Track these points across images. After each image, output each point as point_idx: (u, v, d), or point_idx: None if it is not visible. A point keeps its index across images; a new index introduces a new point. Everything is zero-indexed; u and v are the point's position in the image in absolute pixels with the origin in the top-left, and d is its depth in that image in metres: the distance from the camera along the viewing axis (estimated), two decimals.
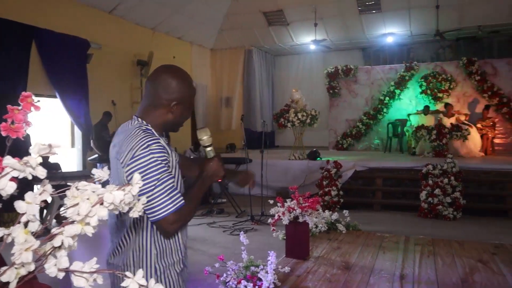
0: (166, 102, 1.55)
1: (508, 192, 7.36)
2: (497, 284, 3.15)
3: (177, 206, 1.42)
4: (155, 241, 1.50)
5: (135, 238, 1.49)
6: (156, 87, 1.57)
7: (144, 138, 1.45)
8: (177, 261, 1.56)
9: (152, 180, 1.39)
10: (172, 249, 1.54)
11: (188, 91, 1.60)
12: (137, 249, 1.49)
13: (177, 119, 1.60)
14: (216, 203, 7.92)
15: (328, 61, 13.75)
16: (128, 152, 1.43)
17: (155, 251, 1.49)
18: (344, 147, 12.08)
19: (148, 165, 1.40)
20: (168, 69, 1.61)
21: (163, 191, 1.40)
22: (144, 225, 1.48)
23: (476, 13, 10.51)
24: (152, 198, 1.39)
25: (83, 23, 8.44)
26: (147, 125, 1.54)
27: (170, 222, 1.42)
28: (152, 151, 1.42)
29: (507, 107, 10.68)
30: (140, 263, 1.49)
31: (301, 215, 3.58)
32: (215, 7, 11.46)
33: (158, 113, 1.57)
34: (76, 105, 7.97)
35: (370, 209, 7.79)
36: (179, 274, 1.57)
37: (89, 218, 0.51)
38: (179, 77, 1.58)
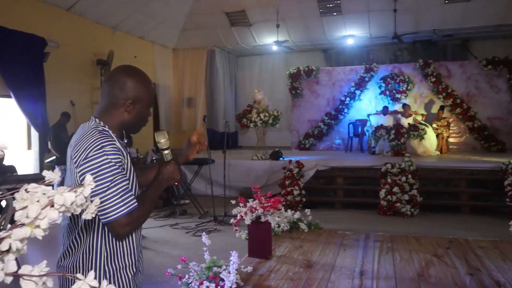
0: (122, 101, 1.54)
1: (462, 189, 7.69)
2: (450, 276, 3.29)
3: (130, 209, 1.40)
4: (105, 243, 1.46)
5: (85, 239, 1.45)
6: (112, 86, 1.55)
7: (99, 139, 1.43)
8: (129, 265, 1.52)
9: (105, 181, 1.37)
10: (124, 252, 1.51)
11: (144, 91, 1.58)
12: (87, 250, 1.45)
13: (134, 119, 1.58)
14: (179, 204, 7.84)
15: (290, 62, 13.90)
16: (82, 152, 1.41)
17: (105, 253, 1.46)
18: (306, 147, 12.24)
19: (101, 166, 1.38)
20: (124, 69, 1.61)
21: (115, 193, 1.38)
22: (95, 227, 1.45)
23: (431, 17, 10.93)
24: (104, 200, 1.37)
25: (40, 21, 8.15)
26: (104, 126, 1.52)
27: (122, 225, 1.40)
28: (106, 152, 1.40)
29: (461, 107, 11.15)
30: (90, 265, 1.46)
31: (263, 214, 3.61)
32: (177, 6, 11.34)
33: (114, 113, 1.55)
34: (33, 106, 7.68)
35: (332, 207, 7.94)
36: (131, 279, 1.53)
37: (39, 220, 0.50)
38: (135, 76, 1.57)
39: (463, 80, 11.33)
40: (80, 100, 9.20)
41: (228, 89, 14.13)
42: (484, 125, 11.00)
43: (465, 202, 7.52)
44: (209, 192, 7.27)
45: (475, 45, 12.71)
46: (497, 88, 11.08)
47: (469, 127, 11.14)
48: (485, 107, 11.12)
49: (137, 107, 1.57)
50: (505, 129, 10.96)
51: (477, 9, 10.46)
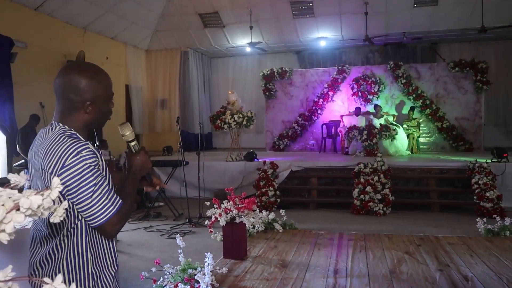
0: (80, 105, 1.48)
1: (431, 187, 7.88)
2: (421, 272, 3.37)
3: (117, 207, 1.41)
4: (90, 246, 1.45)
5: (69, 245, 1.42)
6: (65, 89, 1.47)
7: (72, 144, 1.38)
8: (110, 264, 1.52)
9: (89, 186, 1.36)
10: (105, 252, 1.51)
11: (100, 87, 1.51)
12: (71, 256, 1.42)
13: (96, 117, 1.53)
14: (153, 207, 7.75)
15: (263, 63, 13.97)
16: (57, 161, 1.36)
17: (90, 256, 1.44)
18: (280, 148, 12.30)
19: (82, 172, 1.35)
20: (74, 69, 1.53)
21: (101, 195, 1.38)
22: (79, 231, 1.42)
23: (401, 20, 11.19)
24: (91, 205, 1.36)
25: (6, 20, 7.92)
26: (70, 129, 1.47)
27: (114, 224, 1.41)
28: (83, 157, 1.37)
29: (430, 108, 11.43)
30: (76, 269, 1.43)
31: (238, 216, 3.61)
32: (150, 7, 11.23)
33: (74, 116, 1.49)
34: (0, 108, 7.46)
35: (306, 207, 8.00)
36: (113, 276, 1.54)
37: (4, 225, 0.49)
38: (87, 74, 1.49)
39: (432, 82, 11.63)
40: (50, 102, 8.96)
41: (202, 91, 14.07)
42: (453, 125, 11.32)
43: (434, 200, 7.71)
44: (183, 194, 7.21)
45: (443, 47, 13.09)
46: (464, 89, 11.41)
47: (438, 127, 11.43)
48: (453, 108, 11.44)
49: (97, 106, 1.51)
50: (472, 129, 11.31)
51: (444, 13, 10.78)
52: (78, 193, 1.34)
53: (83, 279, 1.43)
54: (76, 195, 1.35)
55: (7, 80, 7.65)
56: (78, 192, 1.34)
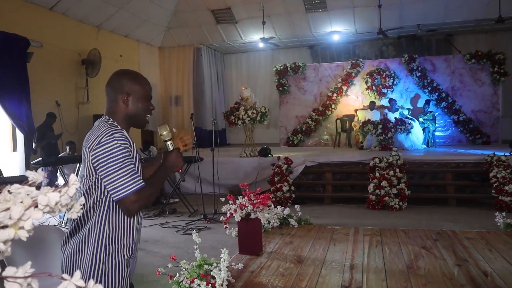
0: (119, 96, 1.76)
1: (448, 181, 7.78)
2: (439, 267, 3.33)
3: (138, 187, 1.59)
4: (110, 221, 1.63)
5: (92, 216, 1.62)
6: (110, 88, 1.79)
7: (109, 128, 1.64)
8: (126, 246, 1.68)
9: (116, 162, 1.57)
10: (124, 233, 1.68)
11: (135, 83, 1.79)
12: (92, 226, 1.62)
13: (134, 110, 1.78)
14: (168, 203, 7.80)
15: (276, 58, 13.92)
16: (95, 139, 1.61)
17: (107, 230, 1.63)
18: (294, 143, 12.26)
19: (112, 149, 1.58)
20: (117, 72, 1.85)
21: (125, 172, 1.58)
22: (102, 206, 1.63)
23: (415, 12, 11.02)
24: (116, 179, 1.56)
25: (22, 20, 8.03)
26: (113, 121, 1.74)
27: (132, 201, 1.58)
28: (116, 138, 1.61)
29: (446, 101, 11.27)
30: (93, 240, 1.62)
31: (253, 211, 3.61)
32: (162, 4, 11.27)
33: (116, 108, 1.77)
34: (17, 107, 7.57)
35: (321, 203, 7.97)
36: (126, 260, 1.68)
37: (22, 222, 0.50)
38: (126, 75, 1.82)
39: (447, 74, 11.46)
40: (65, 100, 9.10)
41: (215, 87, 14.09)
42: (469, 118, 11.14)
43: (451, 194, 7.61)
44: (198, 191, 7.25)
45: (459, 39, 12.87)
46: (480, 81, 11.22)
47: (454, 120, 11.27)
48: (469, 101, 11.26)
49: (133, 99, 1.77)
50: (489, 122, 11.12)
51: (459, 4, 10.58)
52: (107, 166, 1.57)
53: (97, 249, 1.62)
54: (105, 168, 1.57)
55: (24, 79, 7.76)
56: (106, 165, 1.57)
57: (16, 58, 7.63)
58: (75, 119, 9.37)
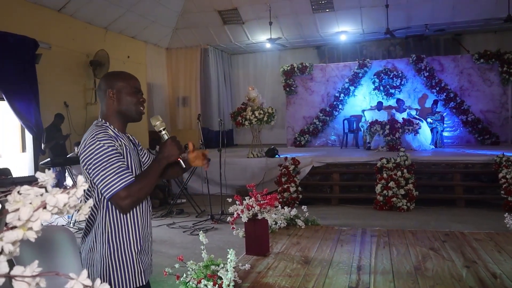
0: (104, 93, 1.82)
1: (456, 182, 7.72)
2: (447, 269, 3.30)
3: (127, 182, 1.60)
4: (110, 220, 1.68)
5: (98, 215, 1.68)
6: (98, 90, 1.89)
7: (94, 130, 1.69)
8: (133, 242, 1.71)
9: (101, 162, 1.61)
10: (128, 229, 1.71)
11: (118, 79, 1.83)
12: (97, 226, 1.68)
13: (123, 104, 1.81)
14: (176, 204, 7.83)
15: (283, 59, 13.91)
16: (82, 143, 1.69)
17: (109, 229, 1.67)
18: (301, 144, 12.24)
19: (95, 150, 1.62)
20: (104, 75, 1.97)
21: (112, 171, 1.60)
22: (102, 205, 1.68)
23: (423, 12, 10.96)
24: (103, 178, 1.59)
25: (31, 22, 8.10)
26: (104, 122, 1.79)
27: (122, 198, 1.59)
28: (98, 139, 1.65)
29: (454, 101, 11.19)
30: (99, 238, 1.67)
31: (260, 212, 3.61)
32: (169, 5, 11.31)
33: (105, 106, 1.82)
34: (26, 108, 7.63)
35: (328, 203, 7.95)
36: (134, 256, 1.72)
37: (31, 223, 0.50)
38: (109, 74, 1.93)
39: (456, 74, 11.38)
40: (73, 101, 9.16)
41: (223, 88, 14.11)
42: (478, 118, 11.06)
43: (460, 195, 7.56)
44: (205, 191, 7.27)
45: (467, 39, 12.77)
46: (489, 81, 11.13)
47: (463, 120, 11.19)
48: (478, 101, 11.17)
49: (119, 94, 1.80)
50: (498, 122, 11.02)
51: (468, 3, 10.50)
52: (93, 167, 1.61)
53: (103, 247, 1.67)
54: (92, 169, 1.62)
55: (33, 80, 7.83)
56: (93, 167, 1.61)
57: (25, 59, 7.69)
58: (83, 120, 9.42)
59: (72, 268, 2.23)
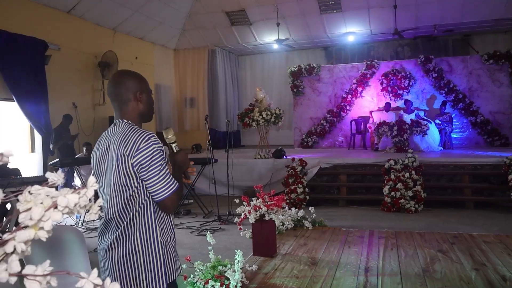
0: (133, 95, 1.83)
1: (465, 184, 7.66)
2: (455, 271, 3.28)
3: (177, 187, 1.74)
4: (158, 219, 1.76)
5: (140, 220, 1.72)
6: (119, 89, 1.84)
7: (143, 133, 1.73)
8: (171, 236, 1.84)
9: (157, 166, 1.68)
10: (168, 226, 1.82)
11: (142, 81, 1.90)
12: (143, 229, 1.72)
13: (146, 106, 1.87)
14: (183, 204, 7.85)
15: (291, 60, 13.90)
16: (132, 145, 1.69)
17: (158, 228, 1.75)
18: (309, 145, 12.22)
19: (152, 154, 1.68)
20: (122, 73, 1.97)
21: (164, 175, 1.71)
22: (148, 207, 1.73)
23: (432, 13, 10.89)
24: (158, 182, 1.69)
25: (40, 24, 8.18)
26: (133, 124, 1.80)
27: (174, 200, 1.74)
28: (153, 142, 1.70)
29: (463, 102, 11.11)
30: (149, 239, 1.72)
31: (267, 213, 3.61)
32: (177, 6, 11.35)
33: (130, 108, 1.83)
34: (35, 108, 7.71)
35: (336, 205, 7.93)
36: (174, 247, 1.85)
37: (42, 222, 0.51)
38: (131, 74, 1.91)
39: (464, 75, 11.29)
40: (82, 102, 9.23)
41: (230, 89, 14.13)
42: (487, 119, 10.96)
43: (469, 197, 7.50)
44: (212, 192, 7.28)
45: (476, 39, 12.67)
46: (499, 82, 11.03)
47: (471, 122, 11.10)
48: (487, 102, 11.08)
49: (144, 95, 1.86)
50: (507, 124, 10.92)
51: (477, 3, 10.42)
52: (148, 170, 1.67)
53: (154, 246, 1.73)
54: (147, 173, 1.68)
55: (42, 81, 7.90)
56: (148, 170, 1.67)
57: (35, 60, 7.77)
58: (91, 121, 9.49)
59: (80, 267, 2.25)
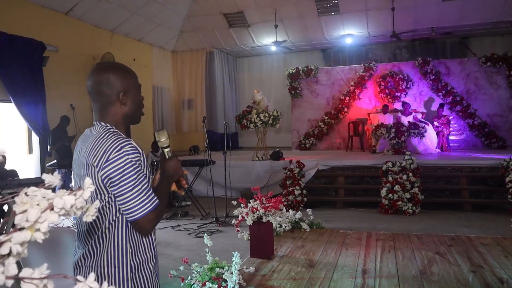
0: (115, 97, 1.57)
1: (463, 186, 7.68)
2: (453, 273, 3.29)
3: (155, 205, 1.48)
4: (130, 239, 1.52)
5: (110, 238, 1.50)
6: (98, 86, 1.57)
7: (117, 140, 1.47)
8: (150, 257, 1.59)
9: (130, 181, 1.43)
10: (145, 246, 1.57)
11: (128, 77, 1.61)
12: (112, 248, 1.49)
13: (131, 108, 1.61)
14: (181, 206, 7.84)
15: (289, 62, 13.92)
16: (102, 155, 1.44)
17: (130, 249, 1.51)
18: (306, 147, 12.23)
19: (123, 166, 1.43)
20: (101, 66, 1.66)
21: (140, 191, 1.45)
22: (119, 225, 1.50)
23: (429, 15, 10.93)
24: (131, 199, 1.43)
25: (38, 25, 8.16)
26: (111, 127, 1.56)
27: (150, 220, 1.47)
28: (126, 152, 1.45)
29: (460, 105, 11.14)
30: (116, 261, 1.50)
31: (265, 215, 3.61)
32: (175, 8, 11.36)
33: (112, 111, 1.58)
34: (33, 110, 7.69)
35: (333, 207, 7.93)
36: (152, 270, 1.60)
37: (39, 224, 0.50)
38: (114, 69, 1.61)
39: (462, 78, 11.33)
40: (80, 103, 9.21)
41: (228, 90, 14.14)
42: (485, 122, 10.99)
43: (466, 199, 7.51)
44: (210, 194, 7.27)
45: (474, 42, 12.72)
46: (496, 85, 11.07)
47: (469, 124, 11.13)
48: (485, 104, 11.11)
49: (130, 96, 1.60)
50: (505, 126, 10.95)
51: (474, 6, 10.46)
52: (119, 186, 1.42)
53: (122, 271, 1.50)
54: (117, 188, 1.43)
55: (40, 83, 7.89)
56: (119, 185, 1.42)
57: (33, 62, 7.76)
58: (89, 122, 9.46)
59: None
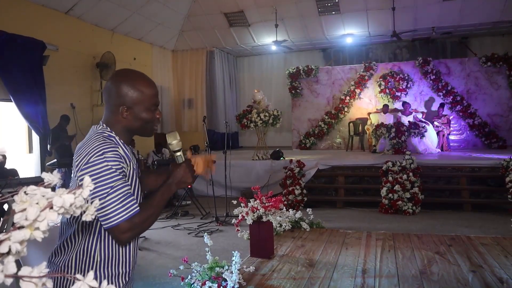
0: (115, 108, 1.51)
1: (463, 186, 7.68)
2: (453, 273, 3.28)
3: (130, 214, 1.38)
4: (101, 248, 1.43)
5: (80, 241, 1.43)
6: (107, 93, 1.54)
7: (101, 145, 1.41)
8: (122, 273, 1.49)
9: (105, 187, 1.35)
10: (119, 260, 1.47)
11: (139, 94, 1.50)
12: (80, 252, 1.42)
13: (134, 124, 1.53)
14: (181, 206, 7.84)
15: (289, 61, 13.92)
16: (84, 157, 1.39)
17: (99, 258, 1.43)
18: (307, 147, 12.23)
19: (101, 172, 1.36)
20: (116, 74, 1.58)
21: (115, 198, 1.36)
22: (93, 230, 1.42)
23: (430, 15, 10.93)
24: (104, 206, 1.35)
25: (38, 24, 8.16)
26: (110, 131, 1.50)
27: (123, 231, 1.37)
28: (107, 158, 1.38)
29: (461, 104, 11.14)
30: (82, 267, 1.42)
31: (265, 214, 3.61)
32: (176, 8, 11.35)
33: (114, 120, 1.52)
34: (33, 109, 7.69)
35: (333, 206, 7.93)
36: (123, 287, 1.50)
37: (38, 222, 0.51)
38: (126, 80, 1.51)
39: (462, 77, 11.33)
40: (80, 103, 9.21)
41: (228, 90, 14.14)
42: (485, 122, 10.99)
43: (466, 199, 7.51)
44: (210, 193, 7.27)
45: (474, 42, 12.72)
46: (497, 84, 11.07)
47: (469, 124, 11.13)
48: (485, 104, 11.11)
49: (134, 111, 1.50)
50: (505, 126, 10.95)
51: (475, 6, 10.46)
52: (95, 190, 1.34)
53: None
54: (93, 192, 1.34)
55: (40, 82, 7.89)
56: (94, 190, 1.34)
57: (33, 61, 7.75)
58: (89, 122, 9.47)
59: None
